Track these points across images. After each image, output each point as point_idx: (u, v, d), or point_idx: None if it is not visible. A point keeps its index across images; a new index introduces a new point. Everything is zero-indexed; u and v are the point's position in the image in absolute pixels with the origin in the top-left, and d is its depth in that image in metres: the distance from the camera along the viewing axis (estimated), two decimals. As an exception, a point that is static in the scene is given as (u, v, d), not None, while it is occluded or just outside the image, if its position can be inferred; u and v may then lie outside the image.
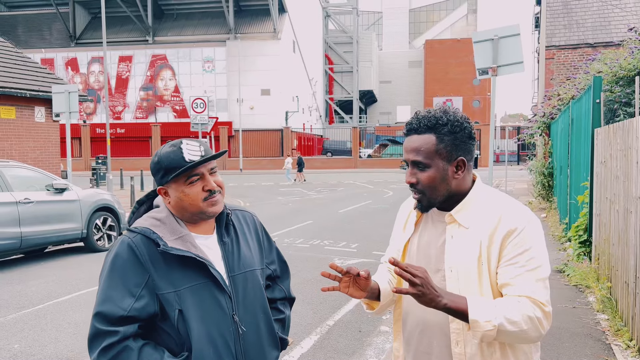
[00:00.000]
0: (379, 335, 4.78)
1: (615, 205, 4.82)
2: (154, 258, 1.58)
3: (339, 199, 17.30)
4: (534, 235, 1.52)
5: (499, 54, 7.21)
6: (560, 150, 10.53)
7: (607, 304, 5.06)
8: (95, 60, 42.40)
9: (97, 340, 1.52)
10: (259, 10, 42.44)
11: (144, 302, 1.55)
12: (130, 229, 1.65)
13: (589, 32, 15.95)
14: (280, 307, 1.88)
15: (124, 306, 1.53)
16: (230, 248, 1.71)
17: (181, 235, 1.61)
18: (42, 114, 13.93)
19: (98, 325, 1.52)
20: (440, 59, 60.05)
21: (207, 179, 1.63)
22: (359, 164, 38.63)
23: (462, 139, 1.57)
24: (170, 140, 1.69)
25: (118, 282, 1.55)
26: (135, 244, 1.58)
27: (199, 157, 1.60)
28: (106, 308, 1.53)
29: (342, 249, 8.74)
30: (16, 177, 8.01)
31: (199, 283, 1.60)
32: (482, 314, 1.42)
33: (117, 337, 1.51)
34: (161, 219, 1.64)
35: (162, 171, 1.61)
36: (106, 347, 1.50)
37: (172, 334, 1.59)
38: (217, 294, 1.62)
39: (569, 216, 8.30)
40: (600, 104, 6.17)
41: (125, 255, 1.58)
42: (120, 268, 1.57)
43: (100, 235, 9.04)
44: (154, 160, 1.64)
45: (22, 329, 5.09)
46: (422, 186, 1.59)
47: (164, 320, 1.58)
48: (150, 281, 1.56)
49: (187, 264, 1.59)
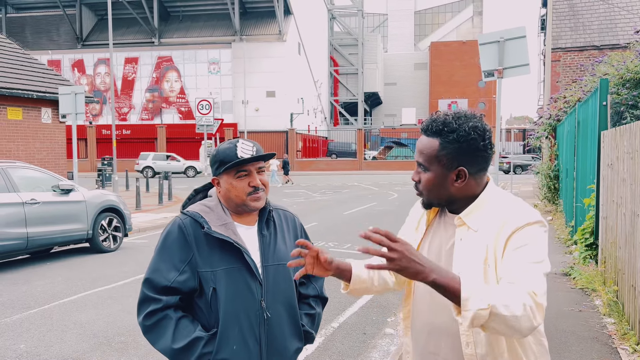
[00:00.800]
0: (384, 338, 4.77)
1: (622, 208, 4.79)
2: (199, 239, 1.78)
3: (343, 201, 17.29)
4: (536, 233, 1.50)
5: (504, 56, 7.20)
6: (567, 152, 10.48)
7: (613, 308, 5.03)
8: (102, 61, 42.60)
9: (144, 305, 1.77)
10: (265, 12, 42.53)
11: (185, 276, 1.76)
12: (183, 212, 1.87)
13: (595, 35, 15.89)
14: (312, 303, 2.02)
15: (169, 277, 1.75)
16: (267, 240, 1.88)
17: (225, 223, 1.81)
18: (49, 115, 14.00)
19: (146, 291, 1.77)
20: (446, 61, 59.98)
21: (254, 176, 1.82)
22: (364, 166, 38.61)
23: (467, 149, 1.53)
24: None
25: (166, 257, 1.78)
26: (185, 225, 1.80)
27: (249, 155, 1.80)
28: (154, 276, 1.77)
29: (347, 251, 8.73)
30: (23, 177, 8.05)
31: (234, 267, 1.78)
32: (475, 293, 1.33)
33: (160, 304, 1.74)
34: (210, 206, 1.85)
35: (217, 163, 1.82)
36: (150, 312, 1.74)
37: (205, 310, 1.78)
38: (249, 279, 1.79)
39: (575, 219, 8.26)
40: (607, 106, 6.14)
41: (175, 234, 1.80)
42: (170, 244, 1.80)
43: (106, 236, 9.06)
44: (213, 153, 1.85)
45: (28, 329, 5.11)
46: (421, 186, 1.62)
47: (200, 297, 1.78)
48: (194, 259, 1.77)
49: (226, 249, 1.78)
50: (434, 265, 1.38)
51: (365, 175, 33.30)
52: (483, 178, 1.61)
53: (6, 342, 4.78)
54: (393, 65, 64.81)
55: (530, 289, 1.38)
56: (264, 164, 1.86)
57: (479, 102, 58.37)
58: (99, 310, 5.68)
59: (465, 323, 1.35)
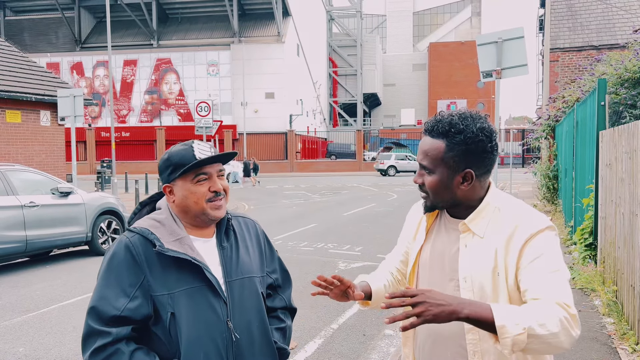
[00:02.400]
0: (383, 339, 4.77)
1: (621, 208, 4.79)
2: (151, 259, 1.57)
3: (343, 202, 17.29)
4: (550, 240, 1.48)
5: (503, 57, 7.20)
6: (565, 152, 10.49)
7: (612, 308, 5.03)
8: (100, 64, 42.61)
9: (90, 339, 1.52)
10: (263, 14, 42.56)
11: (137, 302, 1.54)
12: (129, 229, 1.64)
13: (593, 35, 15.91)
14: (281, 316, 1.85)
15: (117, 305, 1.52)
16: (229, 253, 1.69)
17: (179, 238, 1.61)
18: (48, 118, 14.00)
19: (92, 323, 1.52)
20: (445, 62, 60.06)
21: (214, 179, 1.64)
22: (363, 167, 38.61)
23: (474, 151, 1.49)
24: (172, 143, 1.72)
25: (113, 282, 1.55)
26: (133, 244, 1.58)
27: (208, 157, 1.62)
28: (100, 305, 1.53)
29: (347, 252, 8.72)
30: (21, 180, 8.05)
31: (194, 287, 1.58)
32: (508, 318, 1.30)
33: (110, 338, 1.50)
34: (161, 220, 1.64)
35: (171, 167, 1.62)
36: (98, 348, 1.50)
37: (164, 339, 1.57)
38: (211, 298, 1.60)
39: (574, 219, 8.26)
40: (605, 106, 6.14)
41: (122, 255, 1.57)
42: (116, 268, 1.57)
43: (105, 239, 9.06)
44: (164, 157, 1.66)
45: (27, 332, 5.10)
46: (426, 189, 1.57)
47: (157, 324, 1.57)
48: (145, 282, 1.55)
49: (183, 267, 1.58)
50: (459, 299, 1.36)
51: (364, 176, 33.31)
52: (487, 180, 1.58)
53: (5, 345, 4.77)
54: (392, 66, 64.87)
55: (560, 301, 1.36)
56: (222, 166, 1.68)
57: (478, 102, 58.43)
58: (98, 313, 5.66)
59: (505, 351, 1.33)
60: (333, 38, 57.28)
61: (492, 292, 1.48)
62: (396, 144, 43.46)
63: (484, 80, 7.59)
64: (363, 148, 40.09)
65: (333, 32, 57.94)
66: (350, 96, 57.16)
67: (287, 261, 8.40)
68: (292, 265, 7.56)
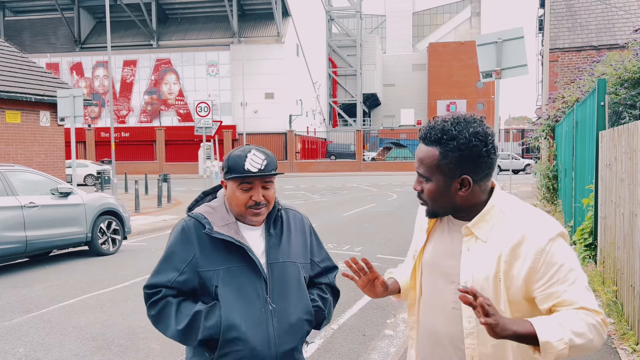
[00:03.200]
0: (384, 339, 4.77)
1: (621, 209, 4.80)
2: (202, 240, 1.82)
3: (342, 202, 17.29)
4: (563, 248, 1.46)
5: (502, 57, 7.21)
6: (565, 153, 10.49)
7: (612, 308, 5.03)
8: (100, 64, 42.60)
9: (147, 300, 1.85)
10: (263, 14, 42.56)
11: (185, 276, 1.81)
12: (188, 214, 1.90)
13: (593, 35, 15.92)
14: (325, 288, 2.03)
15: (168, 278, 1.82)
16: (274, 240, 1.89)
17: (228, 223, 1.84)
18: (47, 118, 13.99)
19: (147, 290, 1.85)
20: (444, 62, 60.06)
21: (257, 190, 1.82)
22: (363, 167, 38.62)
23: (468, 157, 1.47)
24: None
25: (169, 259, 1.85)
26: (188, 226, 1.85)
27: (256, 170, 1.79)
28: (155, 279, 1.85)
29: (346, 253, 8.72)
30: (21, 181, 8.05)
31: (238, 266, 1.81)
32: (551, 334, 1.35)
33: (160, 294, 1.82)
34: (214, 207, 1.89)
35: (226, 169, 1.83)
36: (153, 302, 1.83)
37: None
38: (253, 277, 1.81)
39: (574, 219, 8.27)
40: (605, 106, 6.14)
41: (178, 235, 1.86)
42: (173, 246, 1.85)
43: (105, 239, 9.06)
44: (226, 156, 1.87)
45: (27, 333, 5.10)
46: (425, 196, 1.57)
47: (204, 295, 1.82)
48: (194, 259, 1.81)
49: (230, 248, 1.81)
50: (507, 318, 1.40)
51: (364, 177, 33.31)
52: (488, 184, 1.55)
53: (5, 345, 4.77)
54: (391, 66, 64.87)
55: (590, 307, 1.42)
56: (271, 178, 1.84)
57: (477, 102, 58.45)
58: (98, 314, 5.67)
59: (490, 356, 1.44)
60: (333, 38, 57.27)
61: (493, 297, 1.48)
62: (396, 144, 43.39)
63: (483, 80, 7.59)
64: (363, 148, 40.08)
65: (332, 33, 57.93)
66: (350, 96, 57.15)
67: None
68: (292, 266, 7.56)
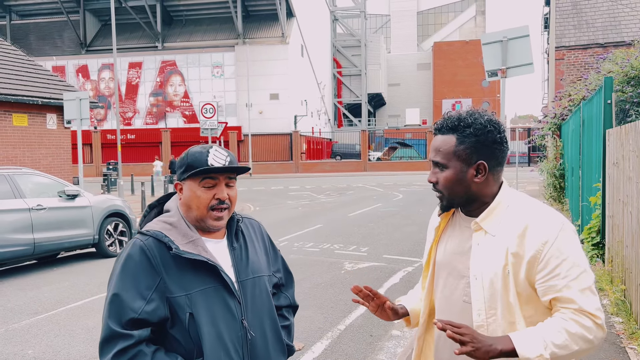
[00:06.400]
0: (391, 340, 4.76)
1: (629, 207, 4.77)
2: (166, 261, 1.58)
3: (348, 203, 17.28)
4: (569, 241, 1.47)
5: (508, 56, 7.18)
6: (572, 151, 10.44)
7: (621, 307, 5.00)
8: (106, 66, 42.80)
9: (110, 342, 1.51)
10: (267, 15, 42.61)
11: (154, 305, 1.54)
12: (142, 231, 1.65)
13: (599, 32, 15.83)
14: (286, 314, 1.89)
15: (135, 308, 1.52)
16: (239, 254, 1.72)
17: (192, 240, 1.62)
18: (54, 121, 14.07)
19: (112, 326, 1.51)
20: (449, 61, 59.91)
21: (221, 187, 1.65)
22: (368, 167, 38.58)
23: (485, 142, 1.53)
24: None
25: (129, 285, 1.55)
26: (147, 247, 1.59)
27: (220, 165, 1.63)
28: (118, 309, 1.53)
29: (353, 253, 8.71)
30: (29, 183, 8.10)
31: (210, 287, 1.61)
32: (530, 348, 1.40)
33: (132, 340, 1.50)
34: (172, 222, 1.65)
35: (185, 166, 1.65)
36: (120, 350, 1.49)
37: (181, 340, 1.58)
38: (227, 298, 1.63)
39: (581, 218, 8.22)
40: (612, 104, 6.11)
41: (137, 258, 1.58)
42: (132, 270, 1.57)
43: (112, 241, 9.10)
44: (182, 155, 1.69)
45: (35, 335, 5.13)
46: (440, 186, 1.58)
47: (173, 326, 1.58)
48: (162, 284, 1.56)
49: (198, 268, 1.60)
50: (489, 337, 1.45)
51: (369, 177, 33.27)
52: (500, 175, 1.60)
53: (15, 347, 4.80)
54: (396, 65, 64.77)
55: (584, 310, 1.42)
56: (234, 176, 1.68)
57: (482, 101, 58.25)
58: (106, 315, 5.69)
59: None
60: (337, 38, 57.25)
61: (502, 289, 1.50)
62: (401, 144, 43.30)
63: (489, 79, 7.56)
64: (368, 148, 40.04)
65: (337, 33, 57.90)
66: (355, 96, 57.11)
67: (293, 262, 8.36)
68: (298, 266, 7.57)
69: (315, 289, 6.47)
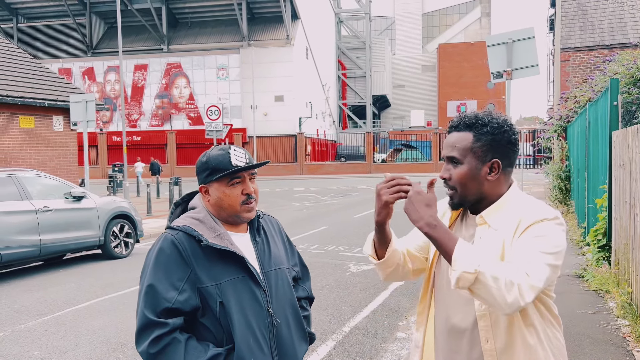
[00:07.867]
0: (395, 342, 4.75)
1: (635, 209, 4.75)
2: (196, 253, 1.68)
3: (353, 204, 17.27)
4: (552, 228, 1.49)
5: (513, 58, 7.17)
6: (578, 153, 10.40)
7: (627, 310, 4.97)
8: (112, 69, 42.98)
9: (147, 331, 1.61)
10: (272, 17, 42.70)
11: (186, 295, 1.64)
12: (171, 226, 1.75)
13: (604, 34, 15.77)
14: (304, 305, 1.99)
15: (168, 298, 1.62)
16: (262, 247, 1.84)
17: (219, 234, 1.73)
18: (60, 123, 14.15)
19: (148, 315, 1.61)
20: (454, 63, 59.82)
21: (247, 183, 1.76)
22: (373, 169, 38.55)
23: (500, 141, 1.57)
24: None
25: (162, 276, 1.65)
26: (178, 240, 1.68)
27: (244, 163, 1.74)
28: (153, 299, 1.63)
29: (357, 255, 8.71)
30: (35, 185, 8.15)
31: (238, 277, 1.71)
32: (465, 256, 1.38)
33: (167, 328, 1.60)
34: (200, 218, 1.75)
35: (209, 171, 1.74)
36: (156, 337, 1.59)
37: (212, 328, 1.67)
38: (253, 287, 1.73)
39: (587, 220, 8.18)
40: (618, 106, 6.09)
41: (168, 251, 1.67)
42: (164, 263, 1.66)
43: (118, 243, 9.13)
44: (202, 159, 1.77)
45: (42, 336, 5.16)
46: (454, 182, 1.60)
47: (204, 315, 1.67)
48: (193, 275, 1.66)
49: (226, 260, 1.70)
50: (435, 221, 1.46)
51: (374, 178, 33.22)
52: (509, 176, 1.64)
53: (21, 348, 4.83)
54: (401, 67, 64.73)
55: (525, 270, 1.39)
56: (255, 170, 1.81)
57: (488, 103, 58.09)
58: (111, 316, 5.72)
59: (452, 282, 1.40)
60: (342, 40, 57.29)
61: None
62: (406, 146, 43.26)
63: (494, 81, 7.56)
64: (373, 150, 40.02)
65: (342, 35, 57.95)
66: (360, 98, 57.11)
67: (299, 264, 8.23)
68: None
69: (320, 291, 6.47)
